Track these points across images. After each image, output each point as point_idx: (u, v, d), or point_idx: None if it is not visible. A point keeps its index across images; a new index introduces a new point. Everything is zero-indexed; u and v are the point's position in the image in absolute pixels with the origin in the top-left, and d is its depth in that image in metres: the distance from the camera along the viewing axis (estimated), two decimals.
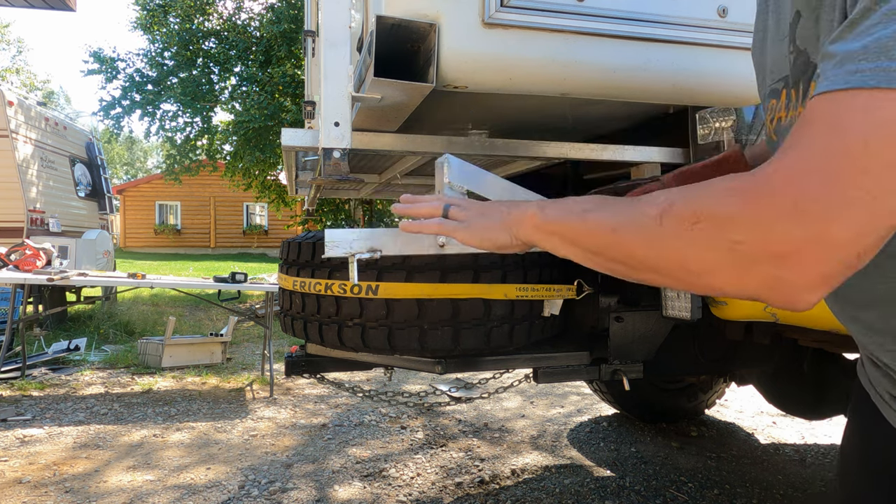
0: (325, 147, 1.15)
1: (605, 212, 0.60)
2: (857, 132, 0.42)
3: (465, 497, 2.52)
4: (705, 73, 1.29)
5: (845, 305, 0.63)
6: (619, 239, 0.56)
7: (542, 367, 1.74)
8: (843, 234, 0.42)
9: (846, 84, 0.43)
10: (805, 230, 0.43)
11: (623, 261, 0.57)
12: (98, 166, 8.36)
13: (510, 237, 0.73)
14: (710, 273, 0.49)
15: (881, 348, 0.59)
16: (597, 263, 0.62)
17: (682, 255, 0.50)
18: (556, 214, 0.67)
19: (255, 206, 23.42)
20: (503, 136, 1.88)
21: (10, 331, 4.31)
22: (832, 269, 0.43)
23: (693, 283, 0.51)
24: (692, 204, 0.50)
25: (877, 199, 0.41)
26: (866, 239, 0.42)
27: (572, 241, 0.64)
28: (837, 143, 0.42)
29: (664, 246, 0.52)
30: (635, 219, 0.55)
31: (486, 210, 0.78)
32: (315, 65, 2.07)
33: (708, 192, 0.50)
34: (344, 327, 1.59)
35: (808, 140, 0.45)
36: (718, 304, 1.68)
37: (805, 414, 3.01)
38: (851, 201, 0.41)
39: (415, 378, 4.64)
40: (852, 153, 0.41)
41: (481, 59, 1.13)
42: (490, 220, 0.75)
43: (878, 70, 0.42)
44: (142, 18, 9.86)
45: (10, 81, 22.72)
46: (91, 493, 2.51)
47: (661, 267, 0.53)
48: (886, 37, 0.42)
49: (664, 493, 2.59)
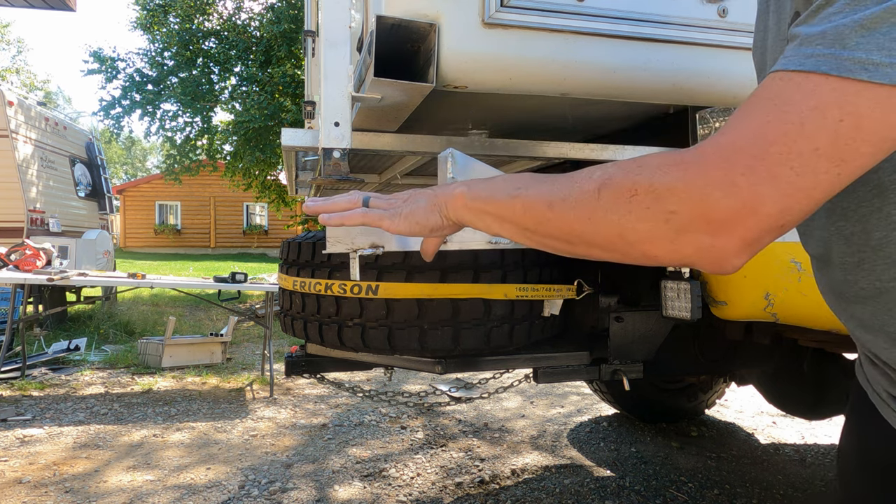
0: (325, 147, 1.15)
1: (540, 188, 0.59)
2: (797, 113, 0.43)
3: (465, 497, 2.52)
4: (705, 73, 1.29)
5: (840, 301, 0.63)
6: (557, 214, 0.57)
7: (542, 367, 1.74)
8: (768, 208, 0.45)
9: (800, 66, 0.45)
10: (735, 201, 0.45)
11: (559, 236, 0.58)
12: (98, 166, 8.37)
13: (440, 217, 0.71)
14: (646, 241, 0.51)
15: (877, 346, 0.59)
16: (532, 240, 0.62)
17: (619, 227, 0.52)
18: (486, 193, 0.65)
19: (255, 206, 23.42)
20: (503, 136, 1.88)
21: (10, 331, 4.31)
22: (758, 237, 0.47)
23: (628, 252, 0.53)
24: (630, 177, 0.51)
25: (800, 178, 0.44)
26: (789, 213, 0.45)
27: (506, 219, 0.63)
28: (775, 121, 0.44)
29: (602, 218, 0.53)
30: (572, 194, 0.56)
31: (410, 196, 0.75)
32: (315, 65, 2.07)
33: (646, 166, 0.51)
34: (344, 327, 1.59)
35: (749, 117, 0.46)
36: (718, 304, 1.68)
37: (805, 414, 3.01)
38: (778, 178, 0.44)
39: (415, 378, 4.64)
40: (788, 133, 0.44)
41: (481, 59, 1.13)
42: (416, 204, 0.73)
43: (830, 56, 0.43)
44: (142, 18, 9.86)
45: (10, 81, 22.72)
46: (91, 493, 2.51)
47: (599, 240, 0.54)
48: (844, 25, 0.43)
49: (664, 493, 2.59)
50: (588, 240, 0.55)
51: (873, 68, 0.42)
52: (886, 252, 0.53)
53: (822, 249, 0.63)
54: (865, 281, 0.57)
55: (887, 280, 0.54)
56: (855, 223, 0.56)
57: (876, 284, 0.56)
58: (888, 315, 0.56)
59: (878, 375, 0.61)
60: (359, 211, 0.76)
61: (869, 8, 0.43)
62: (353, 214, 0.75)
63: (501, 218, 0.63)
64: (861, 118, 0.42)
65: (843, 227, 0.58)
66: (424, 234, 0.74)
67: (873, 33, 0.42)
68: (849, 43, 0.43)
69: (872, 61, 0.42)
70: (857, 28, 0.43)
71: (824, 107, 0.43)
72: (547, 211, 0.58)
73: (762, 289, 1.48)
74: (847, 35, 0.43)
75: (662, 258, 0.52)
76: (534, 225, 0.60)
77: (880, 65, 0.42)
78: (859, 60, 0.42)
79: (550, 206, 0.57)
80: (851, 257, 0.58)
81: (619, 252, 0.54)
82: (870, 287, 0.56)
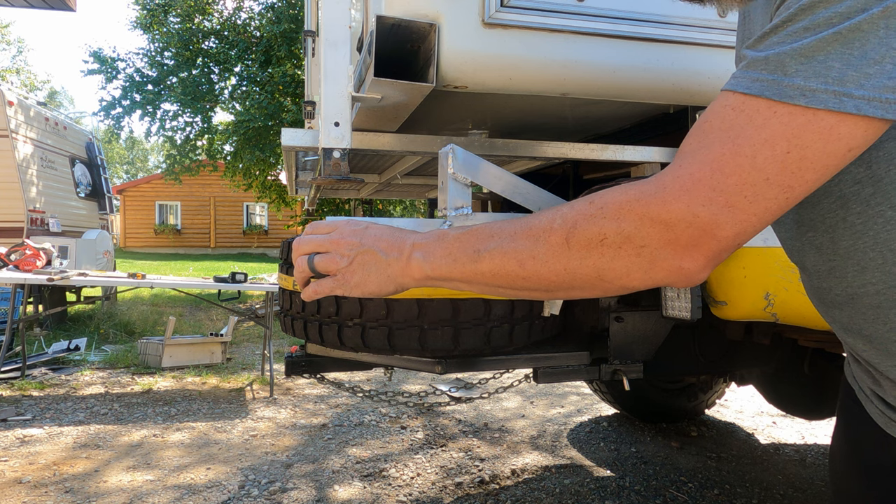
0: (325, 147, 1.15)
1: (503, 247, 0.59)
2: (749, 146, 0.47)
3: (465, 497, 2.52)
4: (705, 73, 1.29)
5: (820, 305, 0.65)
6: (530, 272, 0.58)
7: (542, 367, 1.74)
8: (727, 232, 0.50)
9: (746, 89, 0.48)
10: (697, 230, 0.50)
11: (537, 288, 0.59)
12: (98, 166, 8.37)
13: (396, 286, 0.67)
14: (624, 276, 0.54)
15: (857, 347, 0.60)
16: (505, 295, 0.63)
17: (597, 269, 0.54)
18: (446, 260, 0.62)
19: (255, 206, 23.41)
20: (503, 136, 1.88)
21: (10, 331, 4.31)
22: (718, 255, 0.52)
23: (608, 288, 0.56)
24: (595, 222, 0.54)
25: (753, 204, 0.48)
26: (744, 234, 0.50)
27: (475, 282, 0.62)
28: (730, 153, 0.48)
29: (578, 266, 0.55)
30: (539, 249, 0.57)
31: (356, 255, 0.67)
32: (315, 65, 2.07)
33: (608, 207, 0.54)
34: (344, 327, 1.59)
35: (705, 149, 0.50)
36: (718, 304, 1.68)
37: (805, 414, 3.01)
38: (735, 206, 0.48)
39: (415, 378, 4.64)
40: (742, 166, 0.47)
41: (481, 60, 1.13)
42: (367, 270, 0.67)
43: (773, 83, 0.47)
44: (141, 18, 9.85)
45: (11, 81, 22.72)
46: (91, 493, 2.51)
47: (578, 283, 0.56)
48: (785, 53, 0.47)
49: (664, 493, 2.59)
50: (567, 286, 0.57)
51: (811, 94, 0.45)
52: (855, 259, 0.55)
53: (798, 258, 0.65)
54: (839, 287, 0.58)
55: (858, 286, 0.56)
56: (823, 233, 0.58)
57: (848, 290, 0.57)
58: (862, 319, 0.57)
59: (862, 374, 0.62)
60: (311, 287, 0.71)
61: (807, 38, 0.46)
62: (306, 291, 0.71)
63: (469, 282, 0.62)
64: (805, 149, 0.46)
65: (812, 237, 0.60)
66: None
67: (811, 61, 0.45)
68: (789, 70, 0.46)
69: (810, 88, 0.45)
70: (796, 56, 0.46)
71: (773, 140, 0.46)
72: (519, 270, 0.58)
73: (762, 289, 1.48)
74: (787, 62, 0.46)
75: (639, 286, 0.55)
76: (507, 283, 0.60)
77: (817, 91, 0.45)
78: (798, 87, 0.46)
79: (521, 266, 0.58)
80: (823, 265, 0.60)
81: (599, 290, 0.57)
82: (843, 293, 0.58)
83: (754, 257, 1.43)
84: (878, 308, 0.55)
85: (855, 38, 0.44)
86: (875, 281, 0.54)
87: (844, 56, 0.44)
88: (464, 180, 1.01)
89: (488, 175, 1.05)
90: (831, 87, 0.44)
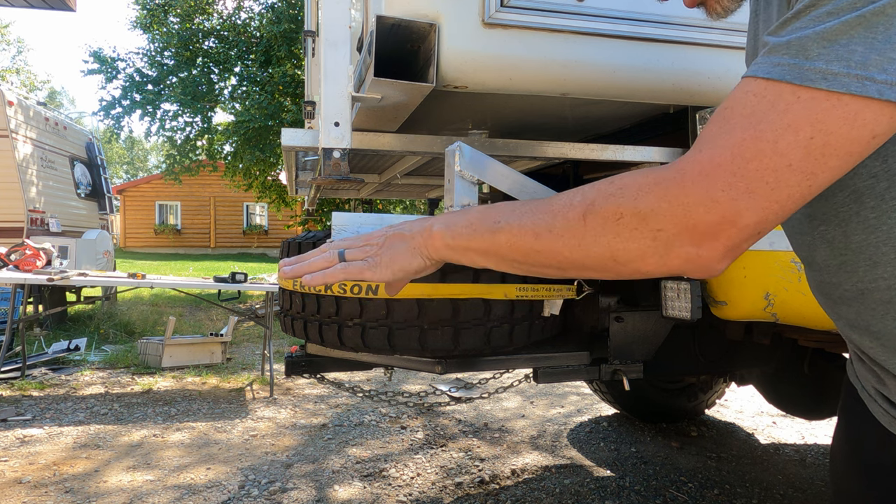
0: (325, 147, 1.15)
1: (521, 221, 0.60)
2: (771, 131, 0.46)
3: (465, 497, 2.52)
4: (705, 73, 1.29)
5: (827, 301, 0.64)
6: (545, 245, 0.58)
7: (542, 367, 1.74)
8: (748, 220, 0.48)
9: (767, 74, 0.48)
10: (716, 216, 0.49)
11: (550, 264, 0.59)
12: (98, 166, 8.37)
13: (422, 260, 0.70)
14: (638, 259, 0.54)
15: (863, 344, 0.60)
16: (519, 270, 0.63)
17: (610, 249, 0.54)
18: (466, 230, 0.65)
19: (255, 206, 23.41)
20: (503, 136, 1.88)
21: (10, 331, 4.31)
22: (738, 244, 0.51)
23: (621, 271, 0.56)
24: (613, 201, 0.53)
25: (775, 191, 0.47)
26: (765, 223, 0.49)
27: (491, 253, 0.64)
28: (751, 139, 0.47)
29: (592, 243, 0.55)
30: (556, 223, 0.57)
31: (384, 239, 0.73)
32: (315, 65, 2.07)
33: (627, 188, 0.53)
34: (344, 327, 1.59)
35: (726, 133, 0.49)
36: (718, 304, 1.68)
37: (805, 414, 3.01)
38: (755, 192, 0.47)
39: (415, 378, 4.64)
40: (763, 151, 0.46)
41: (481, 60, 1.13)
42: (394, 249, 0.71)
43: (794, 66, 0.46)
44: (141, 18, 9.85)
45: (10, 81, 22.72)
46: (91, 493, 2.51)
47: (591, 263, 0.56)
48: (807, 37, 0.46)
49: (664, 493, 2.59)
50: (580, 264, 0.57)
51: (832, 77, 0.44)
52: (867, 254, 0.55)
53: (807, 253, 0.65)
54: (849, 283, 0.58)
55: (869, 281, 0.56)
56: (835, 227, 0.58)
57: (858, 286, 0.57)
58: (871, 315, 0.57)
59: (866, 372, 0.62)
60: (339, 267, 0.73)
61: (830, 22, 0.45)
62: (333, 272, 0.73)
63: (486, 253, 0.64)
64: (829, 135, 0.45)
65: (824, 231, 0.60)
66: (408, 279, 0.74)
67: (833, 45, 0.45)
68: (811, 54, 0.46)
69: (832, 71, 0.44)
70: (819, 40, 0.45)
71: (797, 125, 0.45)
72: (534, 243, 0.59)
73: (762, 289, 1.48)
74: (809, 46, 0.46)
75: (653, 272, 0.54)
76: (522, 257, 0.61)
77: (838, 74, 0.44)
78: (819, 70, 0.45)
79: (537, 238, 0.58)
80: (834, 260, 0.59)
81: (612, 272, 0.56)
82: (853, 288, 0.58)
83: (755, 258, 1.43)
84: (888, 303, 0.55)
85: (879, 22, 0.43)
86: (887, 276, 0.54)
87: (868, 40, 0.44)
88: (470, 178, 1.01)
89: (495, 173, 1.04)
90: (854, 71, 0.44)
